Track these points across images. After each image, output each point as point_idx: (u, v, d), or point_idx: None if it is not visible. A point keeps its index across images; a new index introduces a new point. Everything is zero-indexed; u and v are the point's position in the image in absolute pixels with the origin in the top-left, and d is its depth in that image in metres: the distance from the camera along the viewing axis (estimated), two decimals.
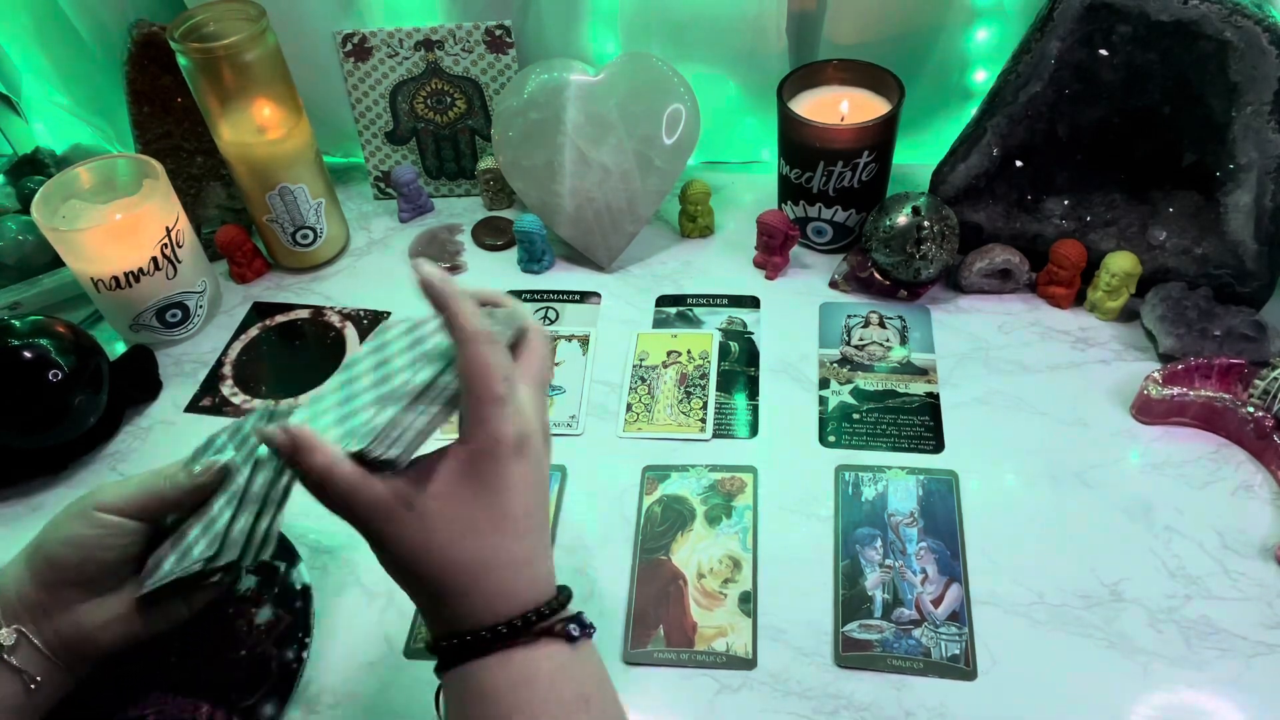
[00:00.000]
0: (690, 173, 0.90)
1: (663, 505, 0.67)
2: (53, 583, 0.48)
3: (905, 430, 0.70)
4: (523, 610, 0.42)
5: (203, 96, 0.77)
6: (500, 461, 0.42)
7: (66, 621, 0.48)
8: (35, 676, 0.47)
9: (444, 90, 0.90)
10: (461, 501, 0.42)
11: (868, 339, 0.77)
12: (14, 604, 0.48)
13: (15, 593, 0.48)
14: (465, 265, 0.88)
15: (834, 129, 0.77)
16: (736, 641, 0.59)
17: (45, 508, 0.71)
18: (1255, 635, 0.57)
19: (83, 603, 0.49)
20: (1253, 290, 0.72)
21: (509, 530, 0.42)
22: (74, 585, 0.48)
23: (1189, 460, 0.66)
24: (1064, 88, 0.73)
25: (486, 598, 0.42)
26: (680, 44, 0.86)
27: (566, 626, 0.42)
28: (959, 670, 0.57)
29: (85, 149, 0.96)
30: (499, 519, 0.42)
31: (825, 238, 0.84)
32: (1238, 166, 0.69)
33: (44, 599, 0.48)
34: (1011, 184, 0.78)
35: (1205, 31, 0.66)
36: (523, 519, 0.43)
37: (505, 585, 0.42)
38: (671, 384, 0.75)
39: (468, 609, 0.42)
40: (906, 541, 0.63)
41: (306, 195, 0.84)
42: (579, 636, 0.43)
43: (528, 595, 0.43)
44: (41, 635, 0.48)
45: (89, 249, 0.75)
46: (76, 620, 0.48)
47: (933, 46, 0.85)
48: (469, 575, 0.42)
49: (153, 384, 0.79)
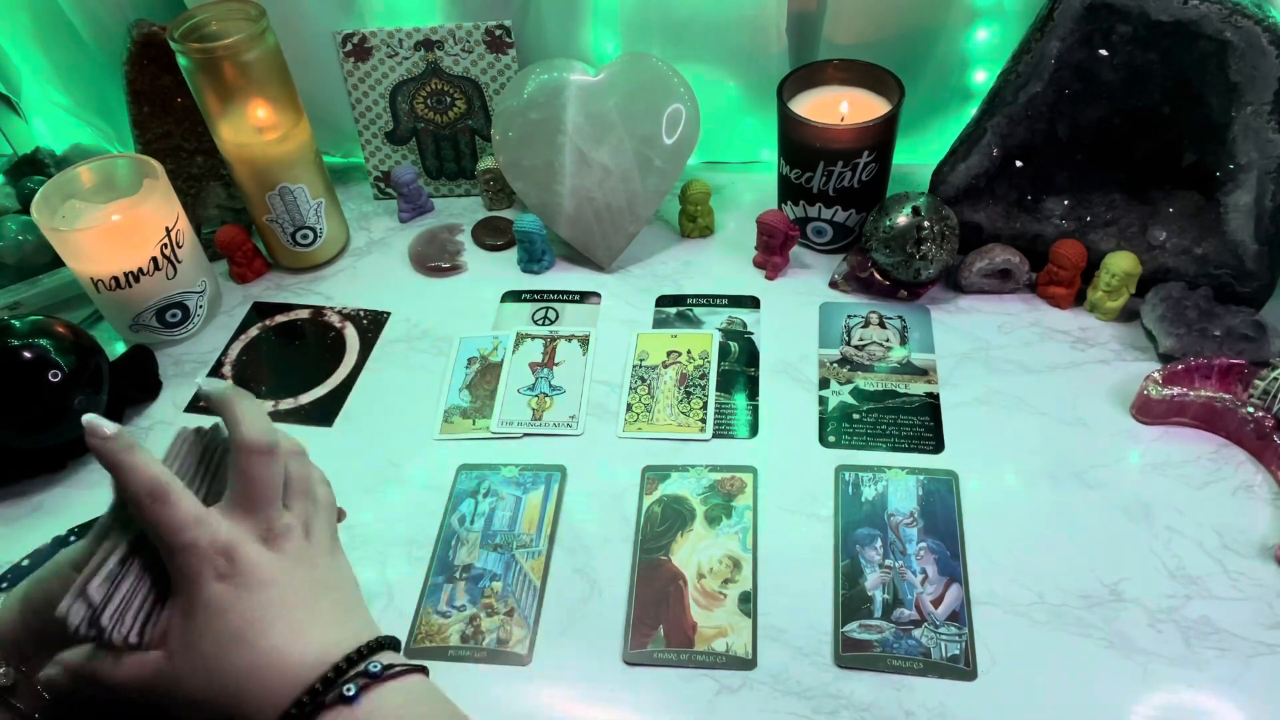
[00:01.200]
0: (690, 173, 0.90)
1: (663, 505, 0.67)
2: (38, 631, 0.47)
3: (905, 430, 0.70)
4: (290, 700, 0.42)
5: (203, 96, 0.77)
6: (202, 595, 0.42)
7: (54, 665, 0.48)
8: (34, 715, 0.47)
9: (444, 90, 0.90)
10: (190, 645, 0.42)
11: (868, 339, 0.77)
12: (9, 644, 0.47)
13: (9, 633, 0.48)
14: (465, 265, 0.88)
15: (834, 129, 0.77)
16: (736, 642, 0.59)
17: (45, 508, 0.71)
18: (1255, 635, 0.57)
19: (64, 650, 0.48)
20: (1253, 290, 0.72)
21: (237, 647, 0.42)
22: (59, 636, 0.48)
23: (1189, 460, 0.66)
24: (1064, 88, 0.73)
25: (258, 711, 0.42)
26: (680, 44, 0.86)
27: (340, 691, 0.42)
28: (959, 670, 0.57)
29: (85, 149, 0.96)
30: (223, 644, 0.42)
31: (825, 238, 0.84)
32: (1238, 166, 0.69)
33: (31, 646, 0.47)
34: (1011, 184, 0.78)
35: (1205, 31, 0.66)
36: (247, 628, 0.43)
37: (265, 692, 0.42)
38: (671, 384, 0.75)
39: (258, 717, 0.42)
40: (906, 542, 0.63)
41: (306, 195, 0.84)
42: (356, 695, 0.42)
43: (293, 685, 0.42)
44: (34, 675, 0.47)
45: (89, 249, 0.75)
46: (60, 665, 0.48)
47: (933, 46, 0.85)
48: (233, 703, 0.42)
49: (153, 384, 0.79)
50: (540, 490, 0.69)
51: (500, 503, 0.68)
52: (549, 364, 0.78)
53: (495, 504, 0.68)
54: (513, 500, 0.68)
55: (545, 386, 0.76)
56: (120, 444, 0.42)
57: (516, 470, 0.70)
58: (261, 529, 0.45)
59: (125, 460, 0.42)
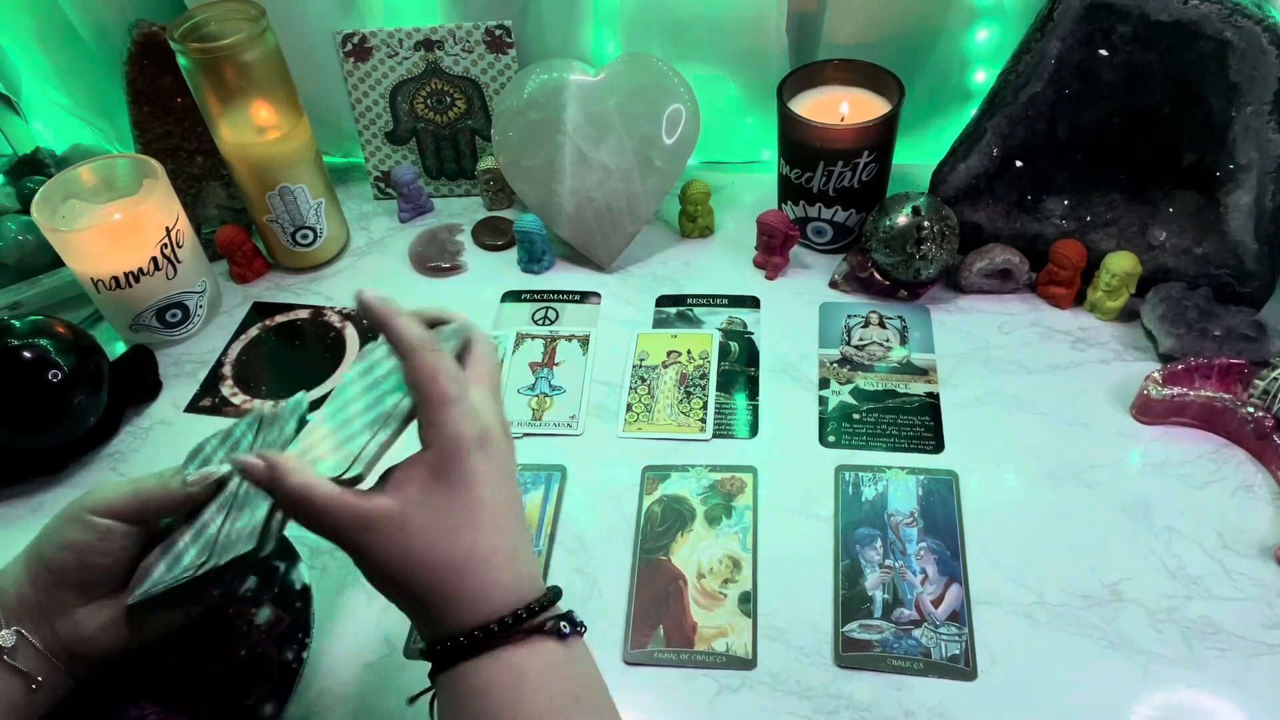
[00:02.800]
0: (690, 173, 0.90)
1: (663, 505, 0.67)
2: (50, 585, 0.48)
3: (905, 430, 0.70)
4: (511, 608, 0.42)
5: (203, 96, 0.77)
6: (464, 458, 0.43)
7: (64, 624, 0.48)
8: (36, 677, 0.47)
9: (444, 90, 0.90)
10: (434, 503, 0.43)
11: (868, 339, 0.77)
12: (14, 606, 0.48)
13: (15, 594, 0.48)
14: (465, 265, 0.88)
15: (834, 129, 0.77)
16: (736, 642, 0.59)
17: (45, 508, 0.71)
18: (1255, 635, 0.57)
19: (80, 606, 0.49)
20: (1253, 290, 0.72)
21: (486, 523, 0.43)
22: (71, 588, 0.48)
23: (1189, 460, 0.66)
24: (1064, 88, 0.73)
25: (473, 596, 0.42)
26: (680, 44, 0.86)
27: (557, 624, 0.43)
28: (959, 670, 0.57)
29: (85, 149, 0.96)
30: (473, 514, 0.43)
31: (825, 238, 0.84)
32: (1238, 166, 0.69)
33: (42, 601, 0.48)
34: (1011, 184, 0.78)
35: (1205, 31, 0.66)
36: (499, 511, 0.43)
37: (490, 581, 0.43)
38: (671, 384, 0.75)
39: (455, 610, 0.42)
40: (906, 541, 0.63)
41: (306, 195, 0.84)
42: (569, 634, 0.43)
43: (514, 592, 0.43)
44: (41, 637, 0.48)
45: (89, 249, 0.75)
46: (74, 623, 0.48)
47: (933, 46, 0.85)
48: (453, 575, 0.42)
49: (153, 384, 0.79)
50: (540, 490, 0.69)
51: None
52: (549, 364, 0.78)
53: None
54: None
55: (545, 386, 0.76)
56: (388, 305, 0.45)
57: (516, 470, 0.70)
58: (504, 421, 0.47)
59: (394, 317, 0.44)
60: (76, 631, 0.48)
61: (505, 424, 0.47)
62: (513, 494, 0.45)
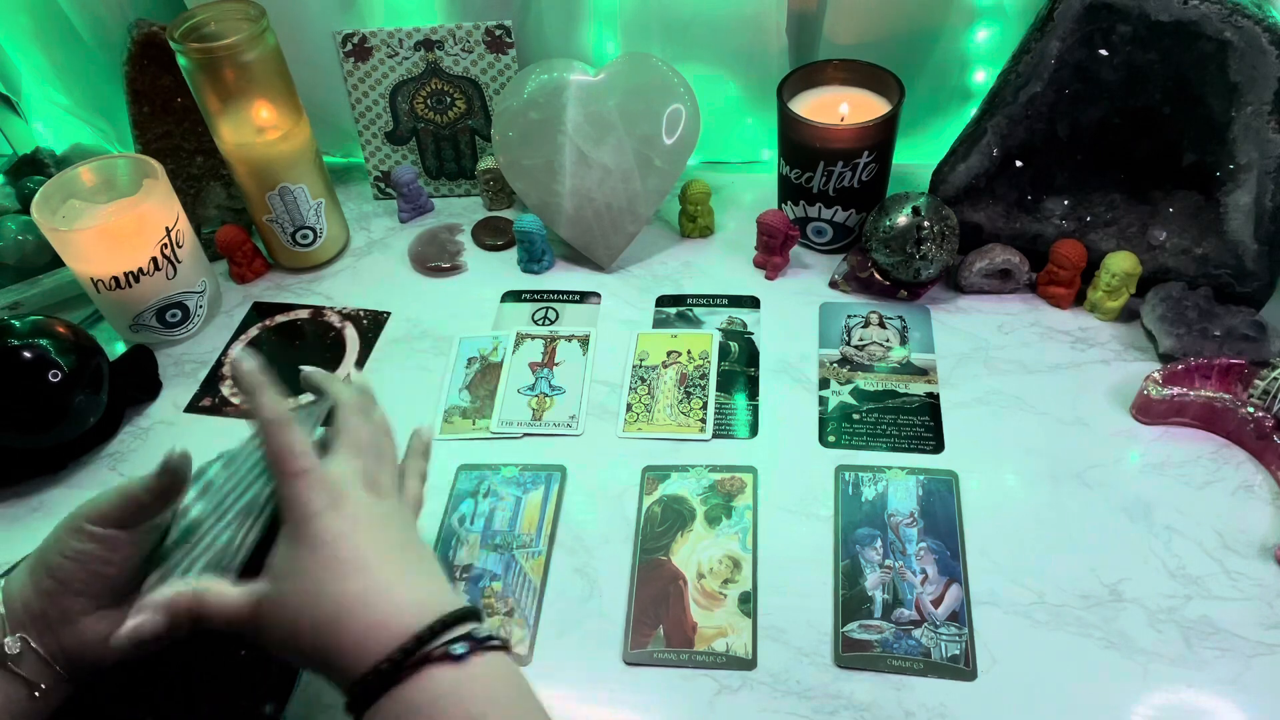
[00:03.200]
0: (690, 173, 0.90)
1: (663, 505, 0.67)
2: (55, 594, 0.48)
3: (905, 430, 0.70)
4: (397, 643, 0.42)
5: (203, 96, 0.77)
6: (311, 522, 0.45)
7: (69, 633, 0.48)
8: (39, 684, 0.47)
9: (444, 90, 0.90)
10: (298, 571, 0.45)
11: (868, 339, 0.77)
12: (19, 614, 0.48)
13: (20, 602, 0.48)
14: (465, 265, 0.88)
15: (834, 129, 0.77)
16: (736, 642, 0.59)
17: (45, 508, 0.71)
18: (1255, 635, 0.57)
19: (85, 615, 0.49)
20: (1253, 290, 0.72)
21: (349, 574, 0.44)
22: (77, 597, 0.48)
23: (1189, 460, 0.66)
24: (1064, 88, 0.73)
25: (355, 645, 0.43)
26: (680, 44, 0.86)
27: (448, 649, 0.42)
28: (959, 670, 0.57)
29: (85, 149, 0.96)
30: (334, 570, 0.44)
31: (825, 238, 0.84)
32: (1238, 166, 0.69)
33: (47, 609, 0.48)
34: (1011, 184, 0.78)
35: (1205, 31, 0.66)
36: (360, 556, 0.45)
37: (368, 625, 0.43)
38: (671, 384, 0.75)
39: (345, 662, 0.43)
40: (906, 542, 0.63)
41: (306, 195, 0.84)
42: (466, 655, 0.42)
43: (399, 628, 0.43)
44: (45, 645, 0.48)
45: (89, 249, 0.75)
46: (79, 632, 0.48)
47: (933, 46, 0.85)
48: (331, 630, 0.43)
49: (153, 384, 0.79)
50: (540, 490, 0.69)
51: (500, 503, 0.68)
52: (549, 364, 0.78)
53: (495, 504, 0.68)
54: (513, 500, 0.68)
55: (545, 386, 0.76)
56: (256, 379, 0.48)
57: (516, 470, 0.70)
58: (368, 478, 0.49)
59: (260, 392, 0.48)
60: (81, 640, 0.48)
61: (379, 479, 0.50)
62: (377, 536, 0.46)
